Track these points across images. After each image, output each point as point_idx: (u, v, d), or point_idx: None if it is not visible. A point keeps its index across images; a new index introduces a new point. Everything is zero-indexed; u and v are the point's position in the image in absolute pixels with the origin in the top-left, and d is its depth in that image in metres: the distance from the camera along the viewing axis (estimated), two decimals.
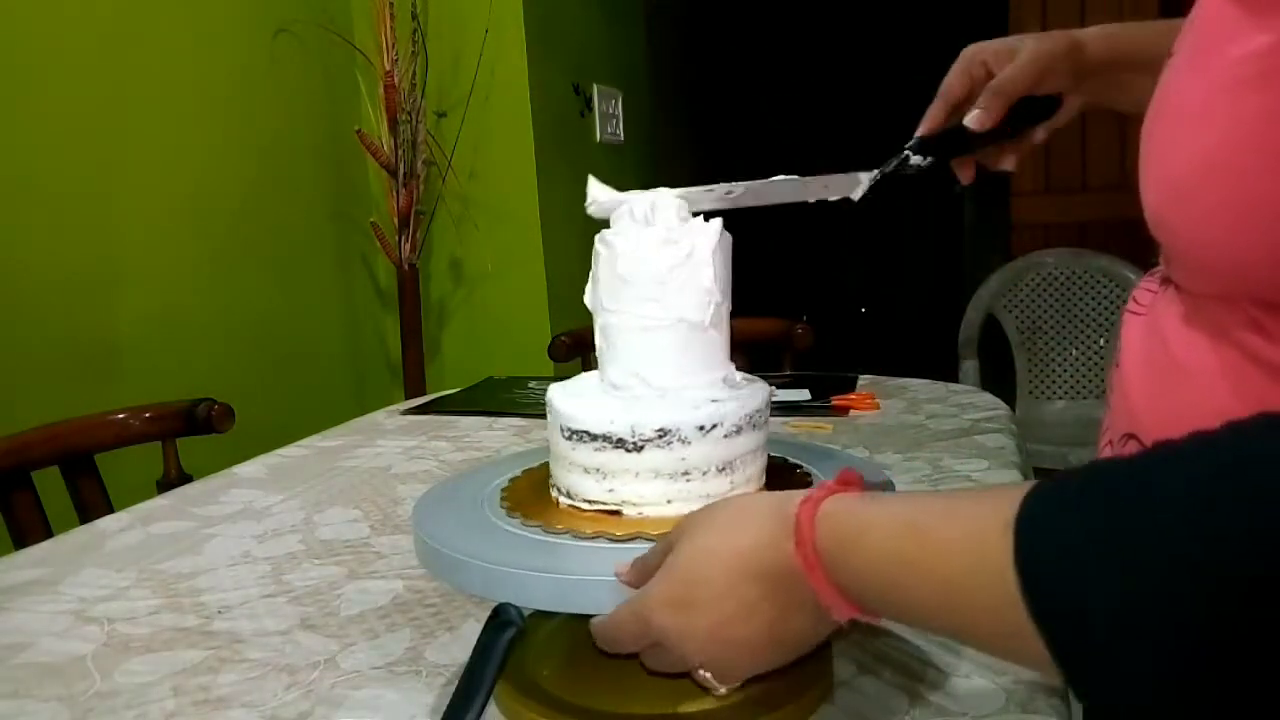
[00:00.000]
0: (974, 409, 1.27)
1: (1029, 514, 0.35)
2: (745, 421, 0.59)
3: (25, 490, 1.14)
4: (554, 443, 0.62)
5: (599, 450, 0.58)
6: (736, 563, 0.46)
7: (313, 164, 2.21)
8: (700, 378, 0.62)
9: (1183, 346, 0.49)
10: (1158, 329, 0.52)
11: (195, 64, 1.87)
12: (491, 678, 0.54)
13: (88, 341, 1.63)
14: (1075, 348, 2.72)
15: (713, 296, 0.61)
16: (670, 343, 0.61)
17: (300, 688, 0.63)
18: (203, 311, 1.87)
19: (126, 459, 1.28)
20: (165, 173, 1.79)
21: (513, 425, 1.35)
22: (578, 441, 0.59)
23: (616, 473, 0.58)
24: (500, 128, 2.33)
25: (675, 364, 0.61)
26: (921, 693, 0.58)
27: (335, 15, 2.25)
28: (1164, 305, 0.52)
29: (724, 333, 0.64)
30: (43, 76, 1.56)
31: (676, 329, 0.61)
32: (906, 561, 0.39)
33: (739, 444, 0.59)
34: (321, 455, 1.24)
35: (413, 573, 0.80)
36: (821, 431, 1.20)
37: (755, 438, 0.60)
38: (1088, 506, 0.33)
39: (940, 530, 0.38)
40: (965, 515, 0.38)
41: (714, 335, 0.62)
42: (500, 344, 2.43)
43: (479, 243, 2.40)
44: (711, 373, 0.62)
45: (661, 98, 3.24)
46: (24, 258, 1.53)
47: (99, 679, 0.65)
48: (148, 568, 0.86)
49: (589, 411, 0.59)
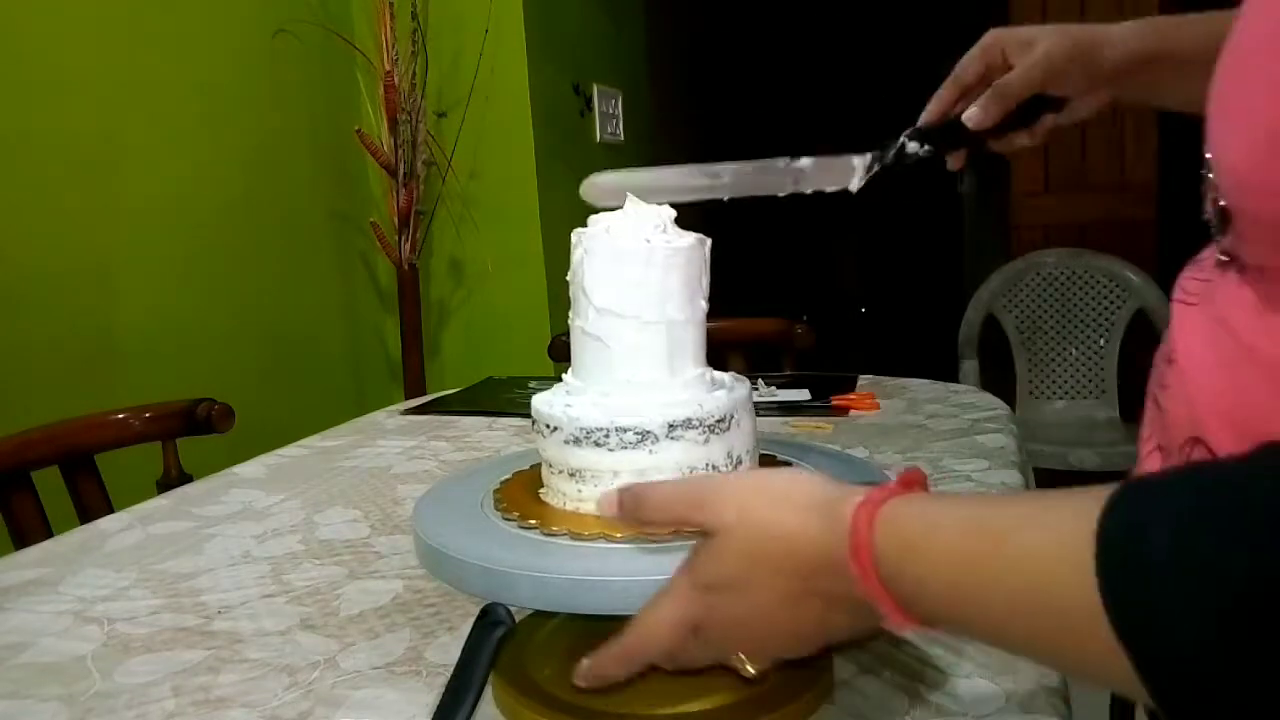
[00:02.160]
0: (974, 409, 1.27)
1: (1115, 524, 0.32)
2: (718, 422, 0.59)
3: (25, 490, 1.14)
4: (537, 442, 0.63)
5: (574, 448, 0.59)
6: (786, 553, 0.43)
7: (313, 164, 2.21)
8: (675, 377, 0.62)
9: (1261, 335, 0.44)
10: (1222, 320, 0.47)
11: (195, 64, 1.87)
12: (481, 677, 0.54)
13: (88, 341, 1.63)
14: (1075, 348, 2.72)
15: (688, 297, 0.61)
16: (644, 342, 0.61)
17: (300, 688, 0.63)
18: (203, 311, 1.87)
19: (126, 459, 1.28)
20: (165, 172, 1.79)
21: (513, 425, 1.35)
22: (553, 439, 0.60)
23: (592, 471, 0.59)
24: (500, 128, 2.33)
25: (649, 363, 0.61)
26: (921, 693, 0.58)
27: (335, 15, 2.25)
28: (1227, 292, 0.47)
29: (699, 333, 0.63)
30: (43, 76, 1.56)
31: (651, 329, 0.61)
32: (976, 567, 0.36)
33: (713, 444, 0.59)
34: (321, 455, 1.23)
35: (413, 573, 0.80)
36: (821, 431, 1.19)
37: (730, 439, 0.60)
38: (1180, 517, 0.31)
39: (1016, 535, 0.35)
40: (1045, 520, 0.35)
41: (689, 335, 0.62)
42: (500, 344, 2.43)
43: (479, 243, 2.40)
44: (686, 372, 0.62)
45: (661, 98, 3.24)
46: (24, 257, 1.53)
47: (99, 679, 0.65)
48: (148, 568, 0.86)
49: (561, 409, 0.60)
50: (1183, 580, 0.29)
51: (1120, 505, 0.32)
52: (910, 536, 0.39)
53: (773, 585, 0.43)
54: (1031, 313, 2.74)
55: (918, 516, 0.39)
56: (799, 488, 0.44)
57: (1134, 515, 0.32)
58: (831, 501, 0.42)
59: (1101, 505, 0.32)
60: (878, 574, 0.39)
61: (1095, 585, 0.31)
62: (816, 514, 0.42)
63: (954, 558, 0.37)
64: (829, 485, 0.44)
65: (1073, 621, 0.32)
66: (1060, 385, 2.75)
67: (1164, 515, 0.31)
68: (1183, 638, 0.29)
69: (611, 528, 0.57)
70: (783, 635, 0.46)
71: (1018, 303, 2.74)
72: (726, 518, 0.45)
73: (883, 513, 0.40)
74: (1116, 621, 0.31)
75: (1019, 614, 0.35)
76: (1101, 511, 0.32)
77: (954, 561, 0.37)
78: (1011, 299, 2.74)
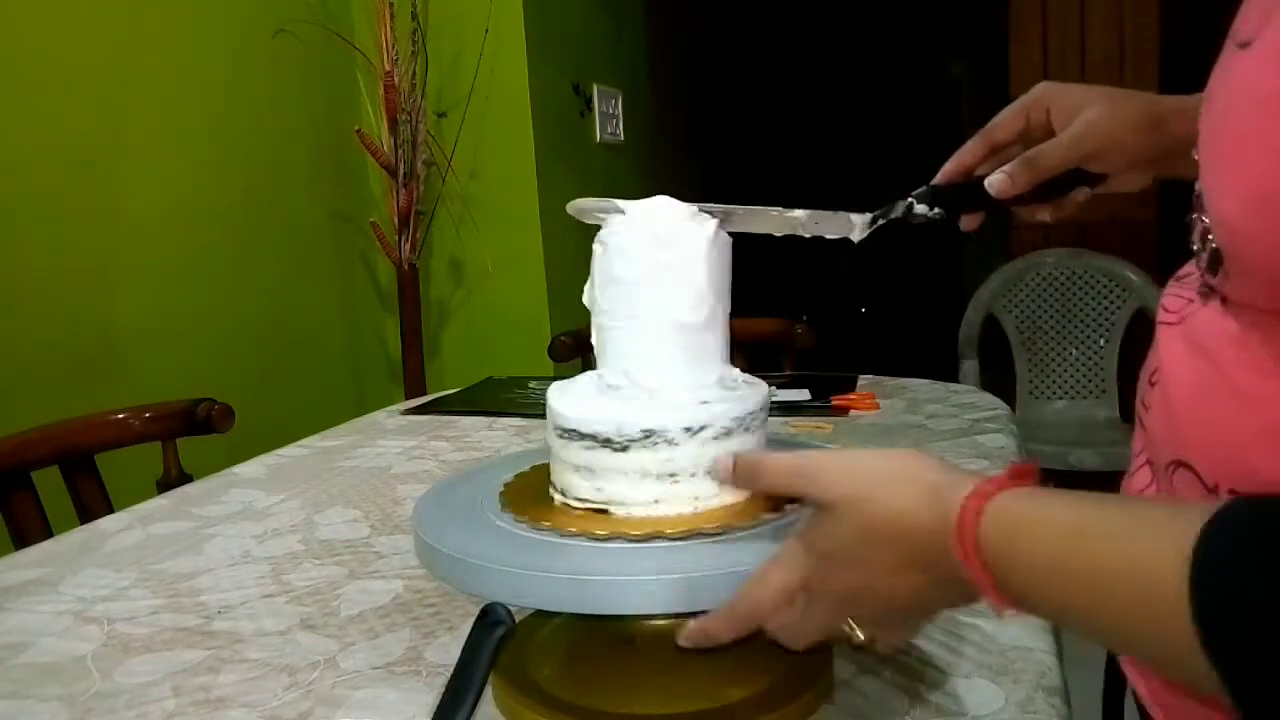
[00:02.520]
0: (974, 409, 1.27)
1: (1210, 552, 0.33)
2: (735, 424, 0.58)
3: (25, 490, 1.14)
4: (549, 441, 0.62)
5: (588, 449, 0.58)
6: (897, 532, 0.45)
7: (313, 164, 2.21)
8: (693, 379, 0.61)
9: (1243, 370, 0.45)
10: (1204, 350, 0.48)
11: (195, 64, 1.87)
12: (481, 677, 0.54)
13: (88, 341, 1.63)
14: (1075, 348, 2.72)
15: (705, 298, 0.61)
16: (662, 343, 0.61)
17: (300, 688, 0.63)
18: (203, 311, 1.87)
19: (126, 459, 1.28)
20: (165, 172, 1.79)
21: (513, 425, 1.35)
22: (568, 440, 0.59)
23: (605, 472, 0.58)
24: (500, 128, 2.33)
25: (667, 364, 0.61)
26: (921, 693, 0.58)
27: (335, 15, 2.25)
28: (1208, 322, 0.48)
29: (719, 334, 0.63)
30: (43, 76, 1.56)
31: (668, 329, 0.60)
32: (1070, 574, 0.38)
33: (729, 447, 0.58)
34: (321, 455, 1.24)
35: (413, 573, 0.80)
36: (821, 431, 1.20)
37: (746, 440, 0.60)
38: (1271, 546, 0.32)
39: (1110, 547, 0.37)
40: (1138, 535, 0.36)
41: (708, 336, 0.62)
42: (500, 344, 2.43)
43: (479, 243, 2.40)
44: (705, 374, 0.62)
45: (661, 98, 3.24)
46: (24, 257, 1.53)
47: (99, 679, 0.65)
48: (148, 568, 0.86)
49: (578, 410, 0.59)
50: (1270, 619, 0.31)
51: (1216, 532, 0.33)
52: (1014, 536, 0.40)
53: (883, 560, 0.45)
54: (1031, 313, 2.74)
55: (1020, 515, 0.41)
56: (910, 469, 0.46)
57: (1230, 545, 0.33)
58: (942, 486, 0.44)
59: (1197, 528, 0.34)
60: (981, 563, 0.41)
61: (1187, 612, 0.33)
62: (928, 499, 0.44)
63: (1053, 563, 0.39)
64: (940, 469, 0.46)
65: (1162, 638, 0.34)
66: (1060, 385, 2.75)
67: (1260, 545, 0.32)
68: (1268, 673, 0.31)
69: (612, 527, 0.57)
70: (889, 604, 0.47)
71: (1018, 303, 2.74)
72: (839, 492, 0.47)
73: (990, 507, 0.41)
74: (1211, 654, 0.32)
75: (1113, 617, 0.37)
76: (1200, 537, 0.33)
77: (1053, 566, 0.39)
78: (1011, 299, 2.74)
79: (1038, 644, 0.64)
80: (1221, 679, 0.32)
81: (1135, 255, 2.68)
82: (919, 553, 0.44)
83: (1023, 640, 0.64)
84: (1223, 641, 0.32)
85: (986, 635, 0.65)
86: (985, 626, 0.66)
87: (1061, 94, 0.67)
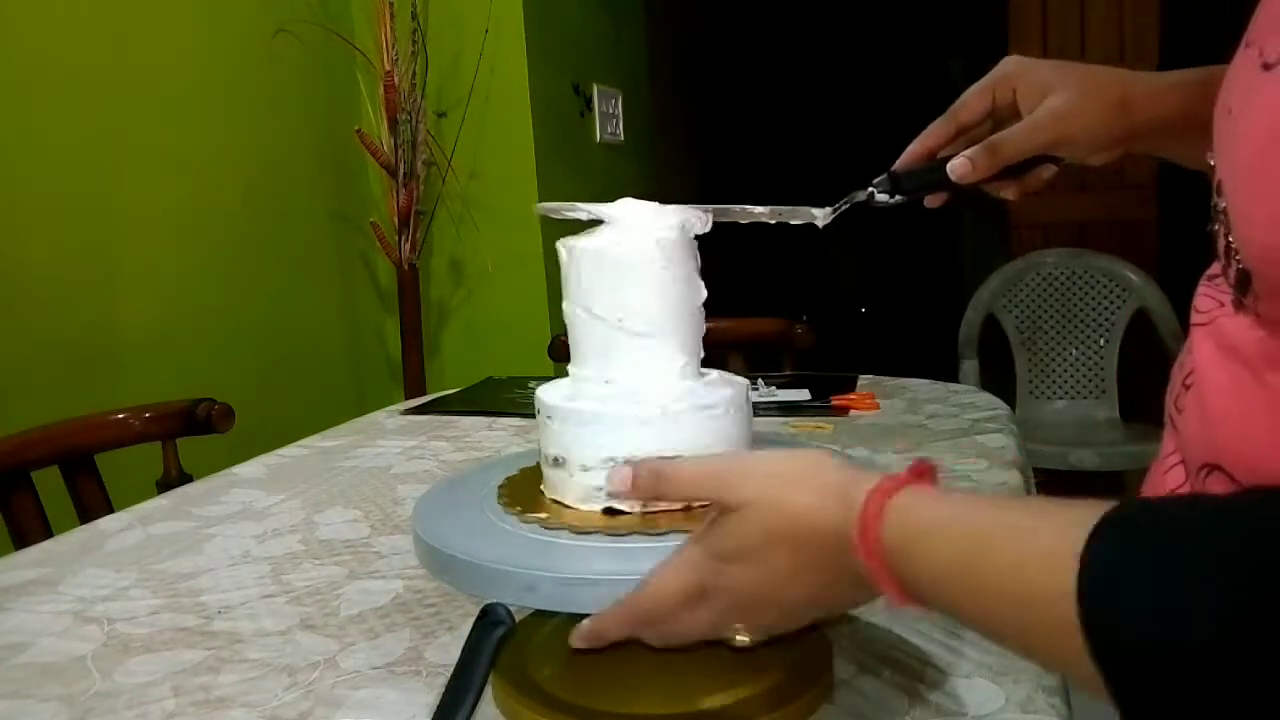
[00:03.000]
0: (974, 409, 1.27)
1: (1097, 555, 0.34)
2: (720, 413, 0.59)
3: (25, 490, 1.14)
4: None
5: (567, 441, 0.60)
6: (801, 530, 0.45)
7: (313, 164, 2.21)
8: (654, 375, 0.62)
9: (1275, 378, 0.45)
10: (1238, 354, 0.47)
11: (195, 64, 1.87)
12: (481, 678, 0.54)
13: (88, 341, 1.63)
14: (1075, 348, 2.72)
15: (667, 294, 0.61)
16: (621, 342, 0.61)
17: (300, 688, 0.63)
18: (203, 311, 1.87)
19: (126, 459, 1.28)
20: (165, 172, 1.79)
21: (513, 425, 1.35)
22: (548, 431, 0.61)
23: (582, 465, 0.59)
24: (500, 128, 2.33)
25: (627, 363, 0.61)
26: (921, 693, 0.58)
27: (335, 15, 2.25)
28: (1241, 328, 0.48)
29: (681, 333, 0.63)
30: (43, 76, 1.56)
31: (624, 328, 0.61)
32: (969, 573, 0.39)
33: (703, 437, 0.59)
34: (321, 455, 1.24)
35: (413, 573, 0.80)
36: (821, 431, 1.20)
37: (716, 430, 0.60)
38: (1158, 553, 0.33)
39: (1007, 546, 0.38)
40: (1034, 533, 0.37)
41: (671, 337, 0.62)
42: (500, 344, 2.43)
43: (479, 243, 2.40)
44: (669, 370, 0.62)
45: (661, 98, 3.24)
46: (24, 258, 1.53)
47: (99, 679, 0.65)
48: (148, 568, 0.86)
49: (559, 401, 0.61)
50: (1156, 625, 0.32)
51: (1103, 538, 0.34)
52: (913, 532, 0.41)
53: (785, 558, 0.46)
54: (1031, 313, 2.74)
55: (921, 515, 0.41)
56: (815, 469, 0.46)
57: (1113, 553, 0.34)
58: (846, 485, 0.44)
59: (1089, 527, 0.34)
60: (883, 559, 0.42)
61: (1074, 609, 0.33)
62: (832, 496, 0.44)
63: (951, 560, 0.40)
64: (845, 468, 0.46)
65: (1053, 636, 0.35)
66: (1060, 385, 2.75)
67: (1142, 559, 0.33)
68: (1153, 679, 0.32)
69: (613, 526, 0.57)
70: (786, 606, 0.48)
71: (1018, 303, 2.74)
72: (745, 494, 0.47)
73: (891, 504, 0.42)
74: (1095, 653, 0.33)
75: (1006, 620, 0.38)
76: (1085, 544, 0.34)
77: (951, 562, 0.40)
78: (1011, 299, 2.74)
79: None
80: (1106, 682, 0.33)
81: (1135, 255, 2.68)
82: (822, 554, 0.45)
83: None
84: (1108, 647, 0.33)
85: None
86: None
87: (1029, 72, 0.65)
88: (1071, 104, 0.62)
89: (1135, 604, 0.32)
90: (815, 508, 0.45)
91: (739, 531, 0.47)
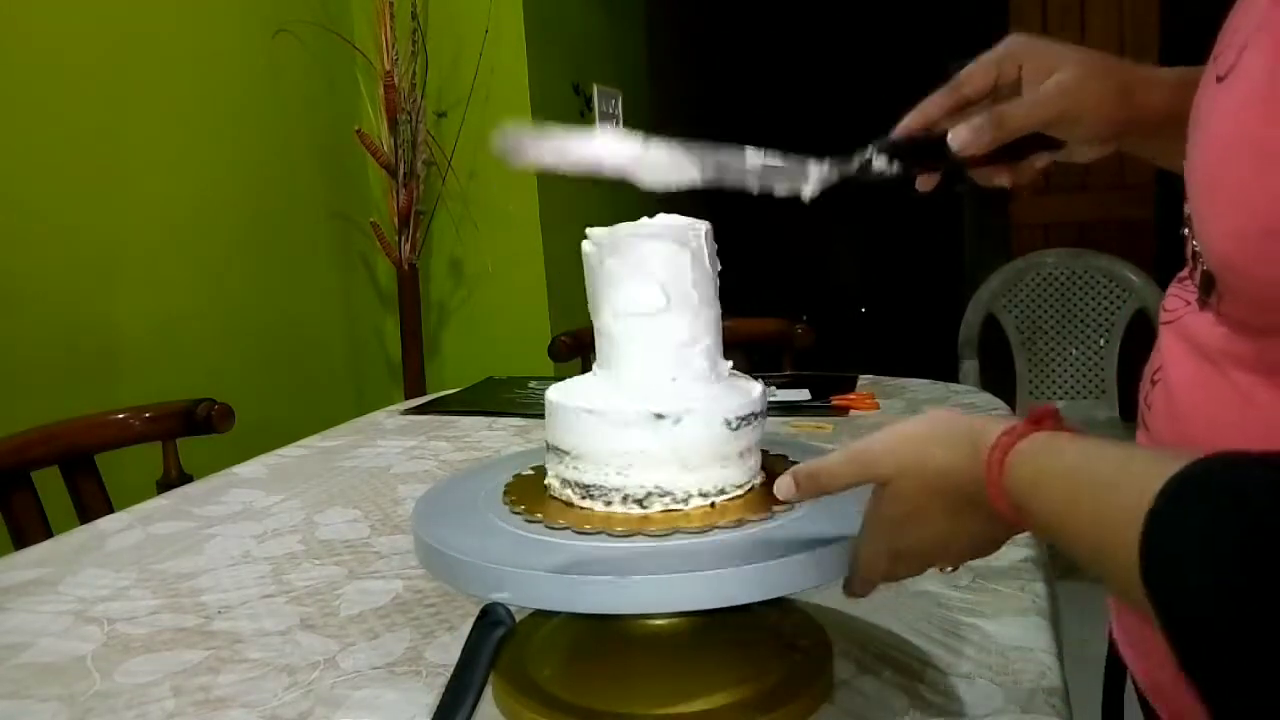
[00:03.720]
0: (974, 409, 1.27)
1: (1164, 508, 0.36)
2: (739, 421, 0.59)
3: (25, 490, 1.14)
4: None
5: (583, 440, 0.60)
6: (943, 484, 0.50)
7: (313, 164, 2.21)
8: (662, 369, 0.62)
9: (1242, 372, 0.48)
10: (1204, 350, 0.50)
11: (195, 64, 1.87)
12: (481, 678, 0.54)
13: (88, 341, 1.63)
14: (1075, 348, 2.72)
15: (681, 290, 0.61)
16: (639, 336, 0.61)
17: (300, 688, 0.63)
18: (203, 311, 1.87)
19: (126, 459, 1.28)
20: (165, 173, 1.79)
21: (513, 425, 1.35)
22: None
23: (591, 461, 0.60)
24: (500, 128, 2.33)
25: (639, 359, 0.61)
26: (921, 693, 0.58)
27: (335, 15, 2.25)
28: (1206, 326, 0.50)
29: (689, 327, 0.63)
30: (43, 77, 1.56)
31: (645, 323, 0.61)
32: (1071, 520, 0.43)
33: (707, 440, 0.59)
34: (321, 455, 1.24)
35: (413, 573, 0.80)
36: (821, 431, 1.20)
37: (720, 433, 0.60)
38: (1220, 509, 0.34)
39: (1098, 498, 0.41)
40: (1114, 489, 0.40)
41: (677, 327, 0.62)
42: (500, 344, 2.43)
43: (479, 243, 2.40)
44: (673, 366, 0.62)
45: (661, 98, 3.24)
46: (24, 258, 1.53)
47: (99, 679, 0.65)
48: (148, 568, 0.86)
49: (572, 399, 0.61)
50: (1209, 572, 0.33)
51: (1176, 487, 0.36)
52: (1027, 482, 0.46)
53: (941, 508, 0.51)
54: (1031, 313, 2.74)
55: (1033, 466, 0.46)
56: (943, 426, 0.51)
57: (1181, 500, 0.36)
58: (975, 436, 0.49)
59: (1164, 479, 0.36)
60: (1009, 504, 0.46)
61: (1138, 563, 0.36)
62: (964, 449, 0.49)
63: (1059, 509, 0.44)
64: (969, 420, 0.51)
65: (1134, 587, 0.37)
66: (1060, 385, 2.75)
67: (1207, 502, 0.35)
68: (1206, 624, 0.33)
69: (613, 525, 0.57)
70: (960, 542, 0.53)
71: (1018, 303, 2.74)
72: (890, 468, 0.52)
73: (1011, 454, 0.46)
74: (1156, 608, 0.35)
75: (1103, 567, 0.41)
76: (1154, 497, 0.36)
77: (1059, 512, 0.44)
78: (1011, 299, 2.74)
79: (1038, 644, 0.64)
80: (1164, 632, 0.34)
81: (1135, 255, 2.68)
82: (967, 498, 0.49)
83: (1023, 640, 0.64)
84: (1164, 595, 0.35)
85: (986, 635, 0.65)
86: (985, 626, 0.66)
87: (1036, 50, 0.64)
88: (1079, 80, 0.62)
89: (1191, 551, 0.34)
90: (952, 462, 0.50)
91: (898, 499, 0.52)
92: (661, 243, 0.61)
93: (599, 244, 0.62)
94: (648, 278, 0.61)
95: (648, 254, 0.61)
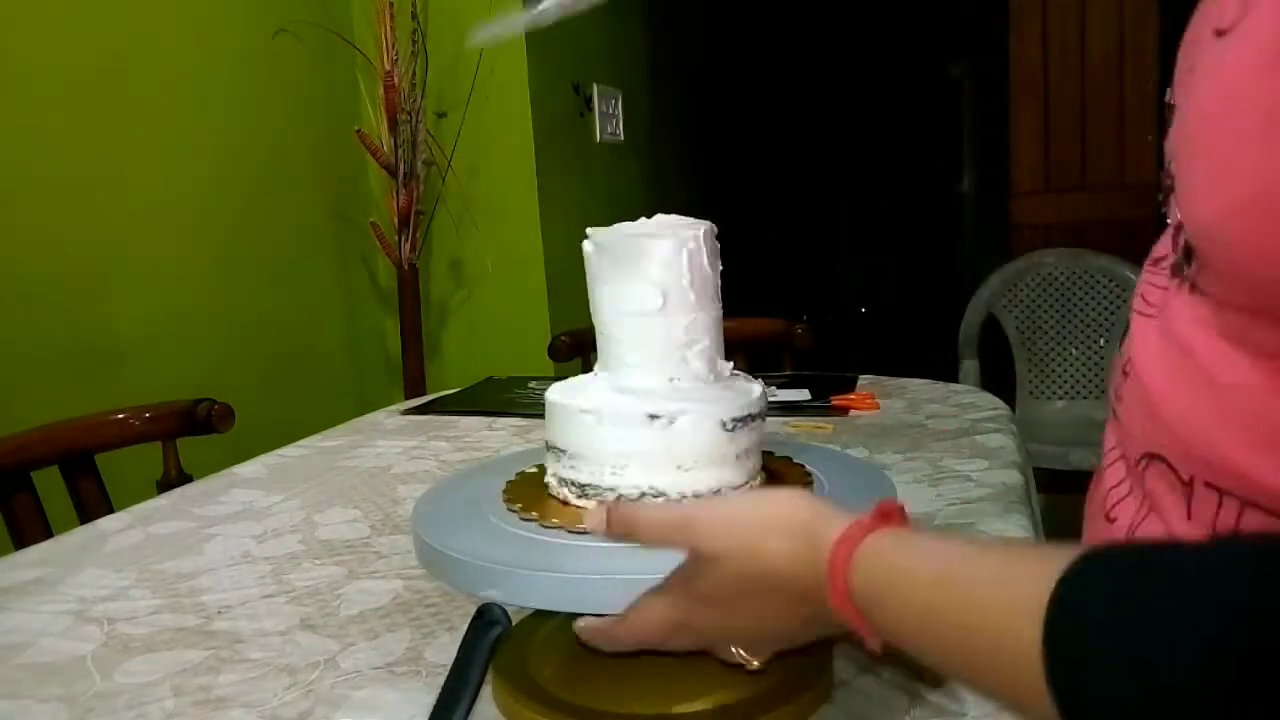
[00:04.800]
0: (974, 409, 1.27)
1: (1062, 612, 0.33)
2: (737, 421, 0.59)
3: (25, 490, 1.14)
4: None
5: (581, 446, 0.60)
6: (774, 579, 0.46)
7: (313, 164, 2.21)
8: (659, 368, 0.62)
9: (1216, 358, 0.44)
10: (1178, 338, 0.47)
11: (195, 64, 1.87)
12: (478, 677, 0.54)
13: (88, 341, 1.63)
14: (1075, 348, 2.72)
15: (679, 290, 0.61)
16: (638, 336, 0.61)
17: (300, 688, 0.63)
18: (203, 311, 1.87)
19: (126, 459, 1.28)
20: (165, 172, 1.79)
21: (513, 425, 1.35)
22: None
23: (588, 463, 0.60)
24: (500, 128, 2.33)
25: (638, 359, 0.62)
26: (921, 693, 0.58)
27: (335, 15, 2.25)
28: (1181, 310, 0.47)
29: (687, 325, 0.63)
30: (43, 76, 1.56)
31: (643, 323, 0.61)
32: (935, 624, 0.39)
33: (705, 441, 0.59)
34: (321, 455, 1.23)
35: (413, 573, 0.80)
36: (821, 431, 1.20)
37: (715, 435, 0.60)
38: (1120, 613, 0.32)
39: (971, 597, 0.38)
40: (1001, 583, 0.37)
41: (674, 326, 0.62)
42: (500, 344, 2.43)
43: (479, 243, 2.40)
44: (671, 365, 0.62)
45: (661, 98, 3.24)
46: (24, 257, 1.53)
47: (99, 679, 0.65)
48: (148, 568, 0.86)
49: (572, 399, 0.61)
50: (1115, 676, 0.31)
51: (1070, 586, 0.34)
52: (882, 584, 0.42)
53: (763, 602, 0.48)
54: (1031, 313, 2.74)
55: (890, 564, 0.42)
56: (786, 513, 0.47)
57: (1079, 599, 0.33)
58: (817, 529, 0.45)
59: (1054, 579, 0.34)
60: (853, 605, 0.43)
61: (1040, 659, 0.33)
62: (803, 541, 0.45)
63: (919, 613, 0.40)
64: (811, 510, 0.47)
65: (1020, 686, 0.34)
66: (1060, 385, 2.74)
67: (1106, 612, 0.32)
68: None
69: None
70: (773, 637, 0.50)
71: (1018, 303, 2.74)
72: (715, 546, 0.48)
73: (859, 553, 0.43)
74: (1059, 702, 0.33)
75: (976, 674, 0.38)
76: (1052, 594, 0.34)
77: (919, 616, 0.40)
78: (1011, 299, 2.74)
79: None
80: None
81: (1135, 255, 2.65)
82: (798, 595, 0.46)
83: None
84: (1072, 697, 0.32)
85: None
86: None
87: None
88: None
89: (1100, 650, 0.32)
90: (788, 555, 0.46)
91: (715, 579, 0.48)
92: (660, 243, 0.61)
93: (599, 244, 0.62)
94: (646, 278, 0.61)
95: (646, 254, 0.61)
